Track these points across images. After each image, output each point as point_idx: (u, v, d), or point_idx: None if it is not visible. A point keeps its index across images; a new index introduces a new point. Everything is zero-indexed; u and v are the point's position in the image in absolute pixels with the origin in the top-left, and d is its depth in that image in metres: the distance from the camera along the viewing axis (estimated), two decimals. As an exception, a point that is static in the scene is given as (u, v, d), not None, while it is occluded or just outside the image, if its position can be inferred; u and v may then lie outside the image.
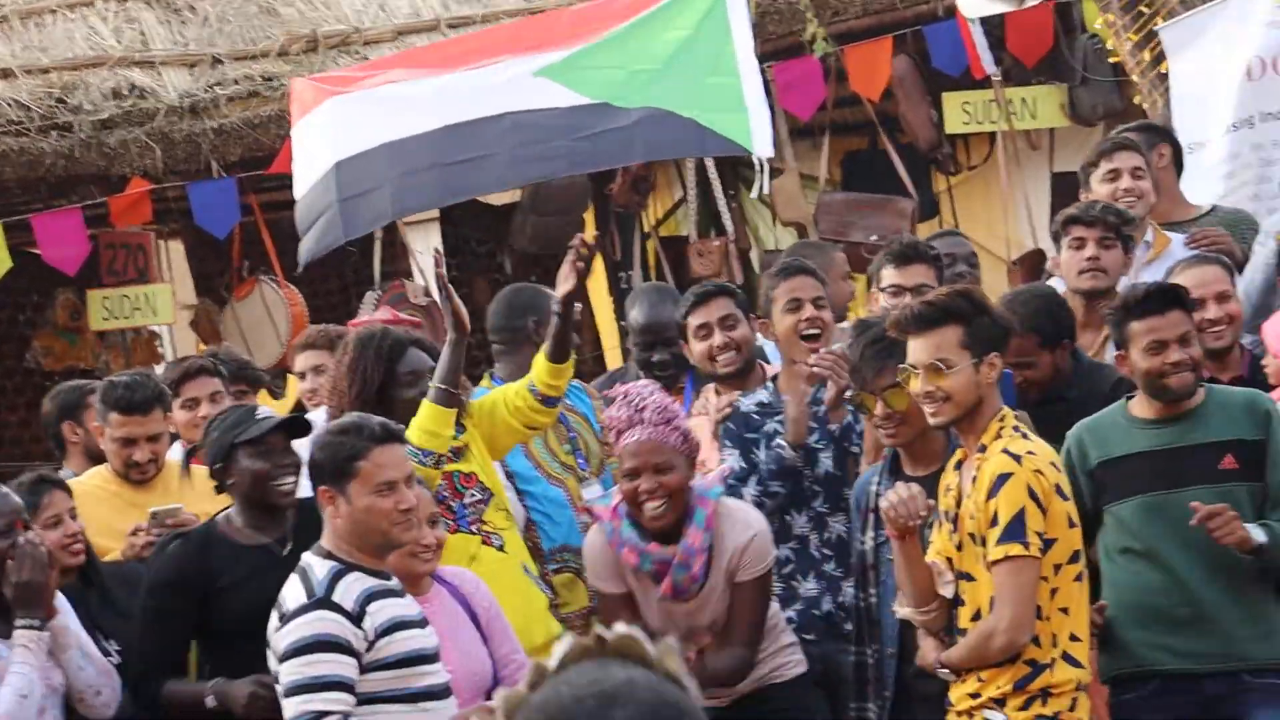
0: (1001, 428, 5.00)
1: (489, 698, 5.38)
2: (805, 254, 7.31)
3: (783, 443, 5.98)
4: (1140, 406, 5.54)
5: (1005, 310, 5.84)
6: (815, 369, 5.89)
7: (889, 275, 6.55)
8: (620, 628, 1.83)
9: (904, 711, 5.42)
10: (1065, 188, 8.98)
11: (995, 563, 4.91)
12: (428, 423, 5.68)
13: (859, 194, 10.33)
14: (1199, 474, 5.41)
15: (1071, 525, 4.98)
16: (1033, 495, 4.88)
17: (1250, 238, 7.15)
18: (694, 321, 6.29)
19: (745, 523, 5.69)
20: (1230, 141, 8.19)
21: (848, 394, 5.68)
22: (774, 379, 6.29)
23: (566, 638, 1.84)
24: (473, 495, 5.97)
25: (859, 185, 10.63)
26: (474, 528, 5.96)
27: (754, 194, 8.94)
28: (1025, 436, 5.00)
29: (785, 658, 5.76)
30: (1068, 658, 4.93)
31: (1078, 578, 4.99)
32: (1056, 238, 6.78)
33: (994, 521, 4.90)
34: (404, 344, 5.93)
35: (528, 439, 6.17)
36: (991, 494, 4.91)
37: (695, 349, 6.28)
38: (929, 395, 5.03)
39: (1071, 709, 4.94)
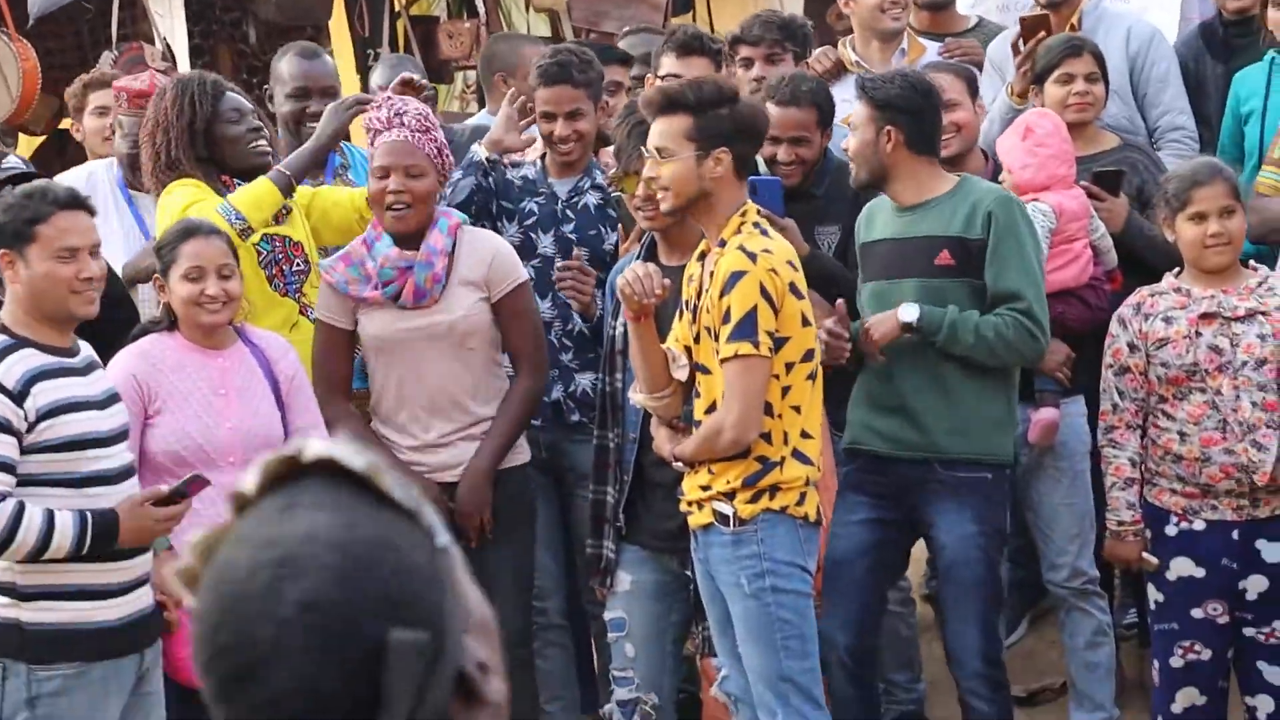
0: (742, 223, 5.00)
1: None
2: (495, 49, 7.28)
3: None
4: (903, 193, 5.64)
5: (786, 87, 5.88)
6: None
7: (668, 64, 6.52)
8: (318, 445, 1.59)
9: (640, 497, 5.47)
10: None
11: (725, 360, 4.93)
12: (257, 196, 5.69)
13: (614, -17, 10.22)
14: (916, 267, 5.53)
15: (806, 324, 4.99)
16: (765, 294, 4.89)
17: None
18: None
19: (487, 238, 5.83)
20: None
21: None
22: (542, 158, 6.29)
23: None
24: (298, 264, 5.96)
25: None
26: (296, 296, 5.95)
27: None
28: (765, 233, 5.00)
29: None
30: (798, 455, 4.99)
31: (810, 376, 5.01)
32: (727, 58, 6.76)
33: (726, 319, 4.91)
34: (223, 85, 5.95)
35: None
36: (725, 291, 4.91)
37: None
38: (648, 181, 5.11)
39: (799, 503, 5.00)
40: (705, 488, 5.01)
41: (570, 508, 6.16)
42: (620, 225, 6.17)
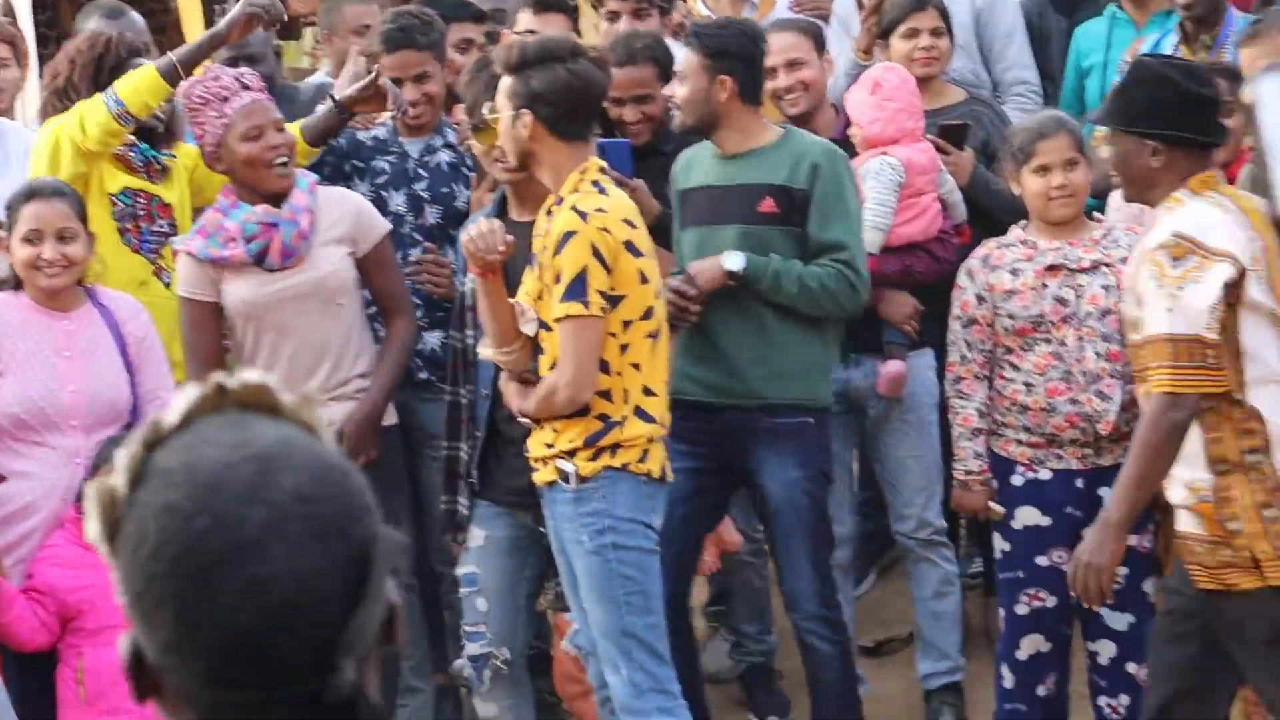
0: (581, 182, 4.99)
1: (128, 428, 5.27)
2: (323, 6, 7.23)
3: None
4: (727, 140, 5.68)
5: (621, 46, 5.89)
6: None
7: (525, 20, 6.54)
8: (249, 376, 1.59)
9: (493, 452, 5.45)
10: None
11: (558, 320, 4.93)
12: (141, 83, 5.64)
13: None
14: (738, 213, 5.56)
15: (644, 282, 4.98)
16: (597, 253, 4.88)
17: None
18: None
19: (343, 194, 5.83)
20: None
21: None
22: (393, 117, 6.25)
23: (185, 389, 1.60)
24: (161, 225, 5.88)
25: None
26: (151, 256, 5.85)
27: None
28: (603, 192, 4.98)
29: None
30: (640, 413, 4.99)
31: (650, 334, 5.01)
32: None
33: (558, 279, 4.91)
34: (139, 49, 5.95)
35: None
36: (557, 251, 4.91)
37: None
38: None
39: (642, 460, 5.00)
40: (549, 445, 5.01)
41: (419, 466, 6.14)
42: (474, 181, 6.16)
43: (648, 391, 5.01)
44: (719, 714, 6.40)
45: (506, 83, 5.03)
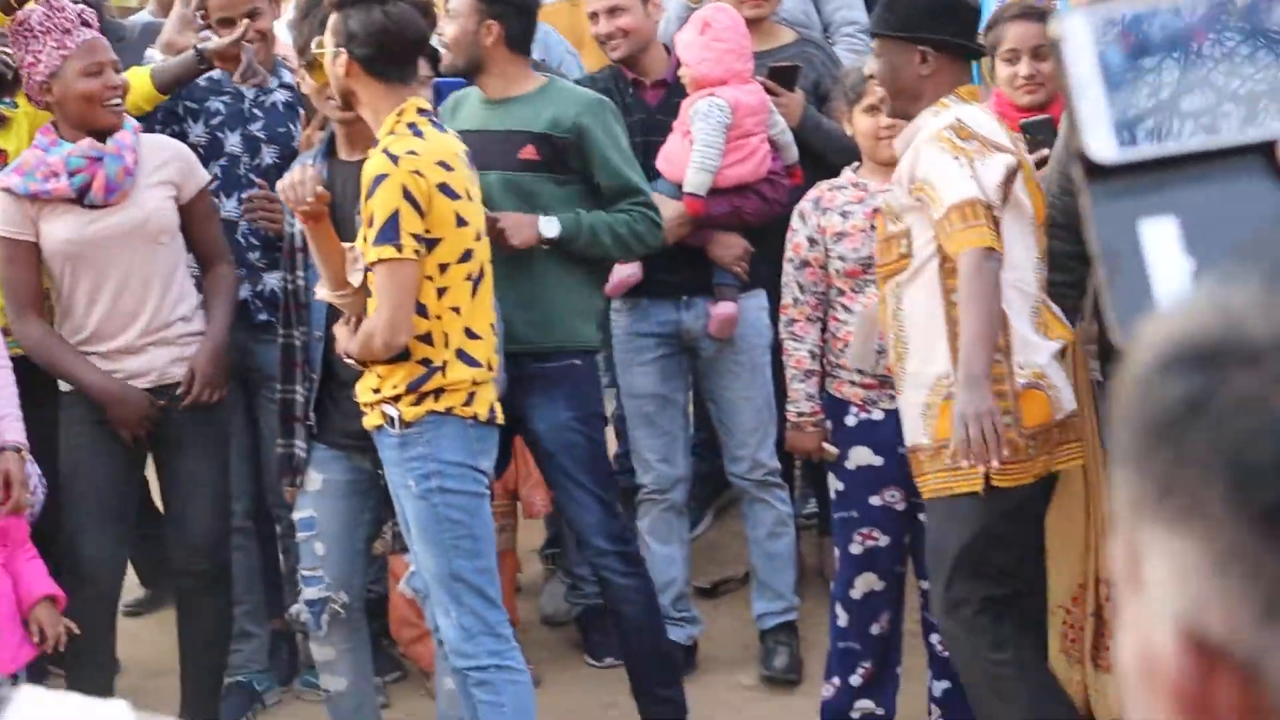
0: (397, 124, 4.94)
1: None
2: None
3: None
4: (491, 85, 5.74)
5: None
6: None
7: None
8: None
9: (329, 395, 5.41)
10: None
11: (372, 264, 4.90)
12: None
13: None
14: (499, 160, 5.59)
15: (462, 224, 4.93)
16: (408, 196, 4.83)
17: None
18: None
19: (165, 140, 5.82)
20: None
21: None
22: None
23: None
24: None
25: None
26: None
27: None
28: (418, 134, 4.92)
29: (187, 350, 5.73)
30: (463, 356, 4.96)
31: (468, 277, 4.96)
32: None
33: (371, 223, 4.87)
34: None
35: None
36: (369, 195, 4.86)
37: None
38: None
39: (467, 403, 4.97)
40: (375, 390, 4.98)
41: (256, 409, 6.11)
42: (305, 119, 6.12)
43: (471, 334, 4.97)
44: (556, 656, 6.42)
45: (331, 20, 4.99)
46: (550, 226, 5.55)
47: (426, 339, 4.92)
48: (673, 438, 6.28)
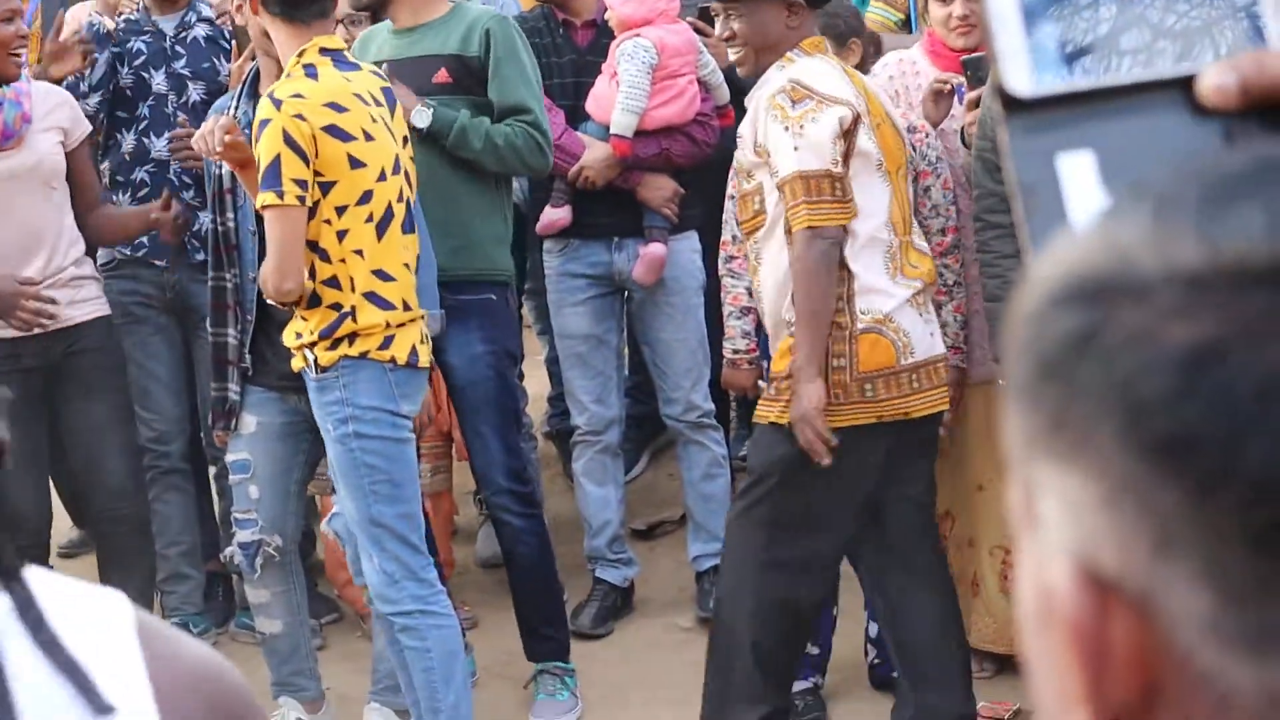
0: (296, 65, 4.91)
1: None
2: None
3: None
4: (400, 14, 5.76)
5: None
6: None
7: None
8: None
9: (264, 337, 5.38)
10: None
11: (258, 210, 4.90)
12: None
13: None
14: (414, 86, 5.58)
15: (358, 165, 4.88)
16: (289, 141, 4.78)
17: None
18: None
19: (51, 88, 5.83)
20: None
21: None
22: None
23: None
24: None
25: None
26: None
27: None
28: (313, 75, 4.88)
29: (85, 294, 5.73)
30: (374, 299, 4.92)
31: (369, 219, 4.90)
32: None
33: (259, 169, 4.85)
34: None
35: None
36: (255, 140, 4.85)
37: None
38: None
39: (383, 347, 4.95)
40: (298, 335, 4.97)
41: (193, 349, 6.10)
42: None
43: (383, 276, 4.93)
44: (491, 599, 6.43)
45: None
46: (420, 117, 5.55)
47: (333, 283, 4.91)
48: (606, 379, 6.28)
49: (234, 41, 6.12)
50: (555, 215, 6.16)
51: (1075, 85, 0.90)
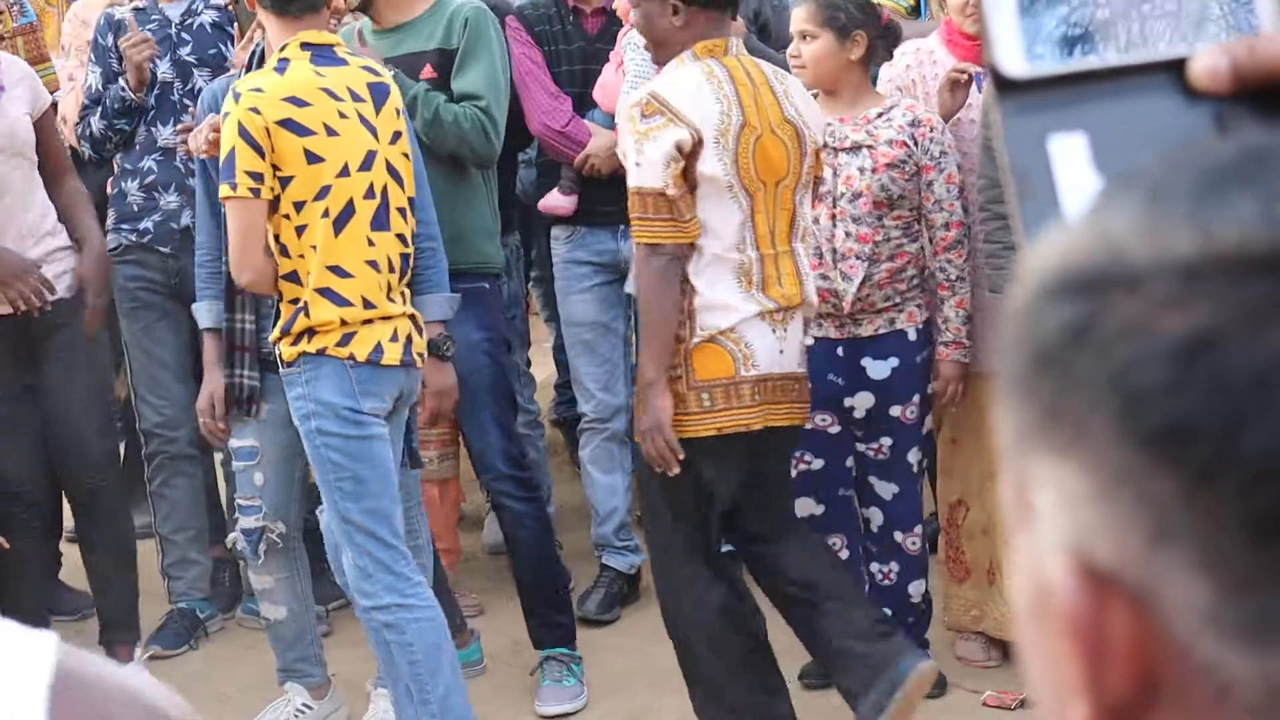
0: (273, 59, 4.93)
1: None
2: None
3: (125, 85, 6.03)
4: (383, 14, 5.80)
5: None
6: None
7: None
8: None
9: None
10: None
11: (222, 202, 4.94)
12: None
13: None
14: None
15: (315, 160, 4.85)
16: (243, 134, 4.80)
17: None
18: None
19: (13, 59, 5.88)
20: None
21: None
22: None
23: None
24: None
25: None
26: None
27: None
28: (282, 70, 4.89)
29: (56, 266, 5.74)
30: (329, 295, 4.89)
31: (325, 214, 4.87)
32: None
33: None
34: None
35: None
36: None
37: None
38: None
39: (342, 344, 4.92)
40: (274, 329, 5.01)
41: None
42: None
43: (340, 273, 4.90)
44: (498, 585, 6.44)
45: None
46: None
47: (293, 278, 4.91)
48: (613, 366, 6.28)
49: (236, 25, 6.12)
50: (559, 201, 6.17)
51: (1068, 67, 0.90)
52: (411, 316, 5.05)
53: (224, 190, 4.85)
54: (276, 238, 4.90)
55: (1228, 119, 0.85)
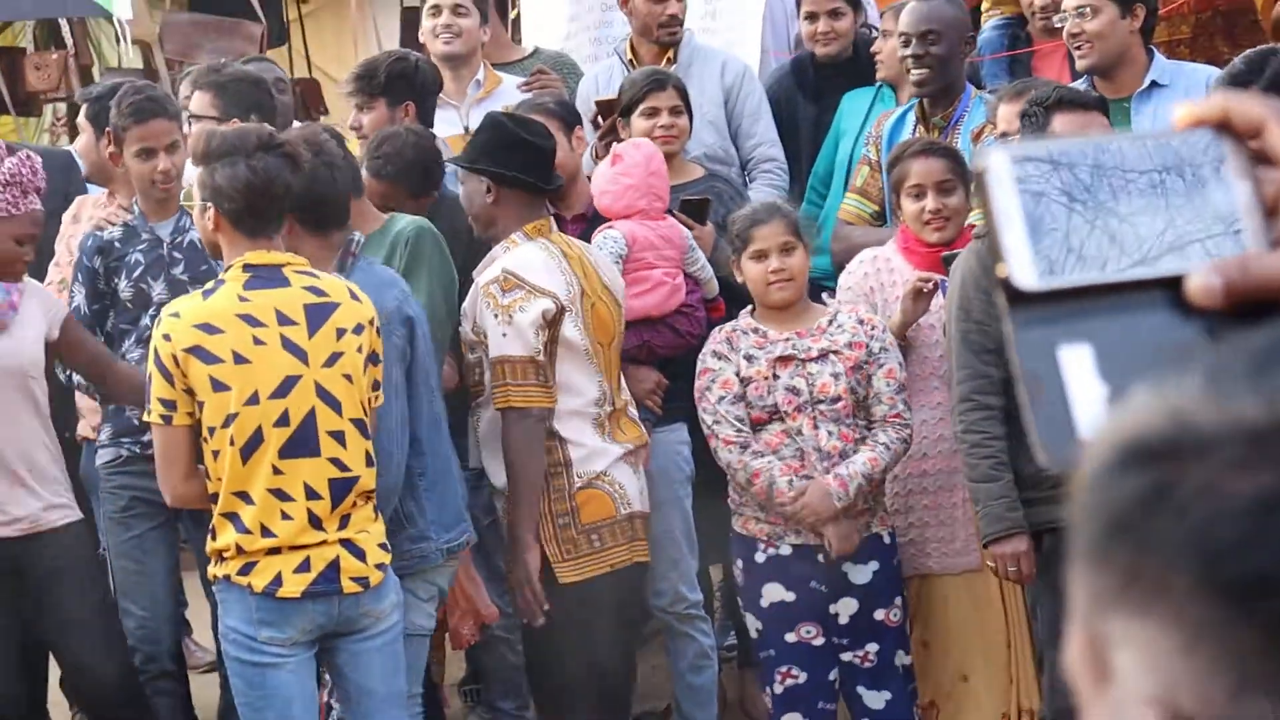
0: (211, 281, 4.98)
1: None
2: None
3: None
4: None
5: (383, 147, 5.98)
6: None
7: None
8: None
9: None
10: (416, 20, 9.03)
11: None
12: None
13: (206, 15, 10.08)
14: None
15: (221, 389, 4.82)
16: (156, 360, 4.83)
17: (573, 82, 7.40)
18: None
19: (33, 283, 5.80)
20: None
21: None
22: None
23: None
24: None
25: (206, 6, 10.38)
26: None
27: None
28: (209, 293, 4.89)
29: (60, 500, 5.72)
30: (233, 519, 4.86)
31: (232, 442, 4.82)
32: None
33: None
34: None
35: None
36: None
37: None
38: None
39: (243, 572, 4.87)
40: None
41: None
42: None
43: (245, 498, 4.86)
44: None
45: (198, 174, 4.97)
46: None
47: (214, 499, 4.91)
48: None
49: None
50: None
51: (1074, 281, 0.96)
52: (348, 541, 4.91)
53: (145, 414, 4.92)
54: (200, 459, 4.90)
55: (1220, 331, 0.91)
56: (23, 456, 5.60)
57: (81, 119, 6.86)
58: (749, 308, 5.76)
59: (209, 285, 4.94)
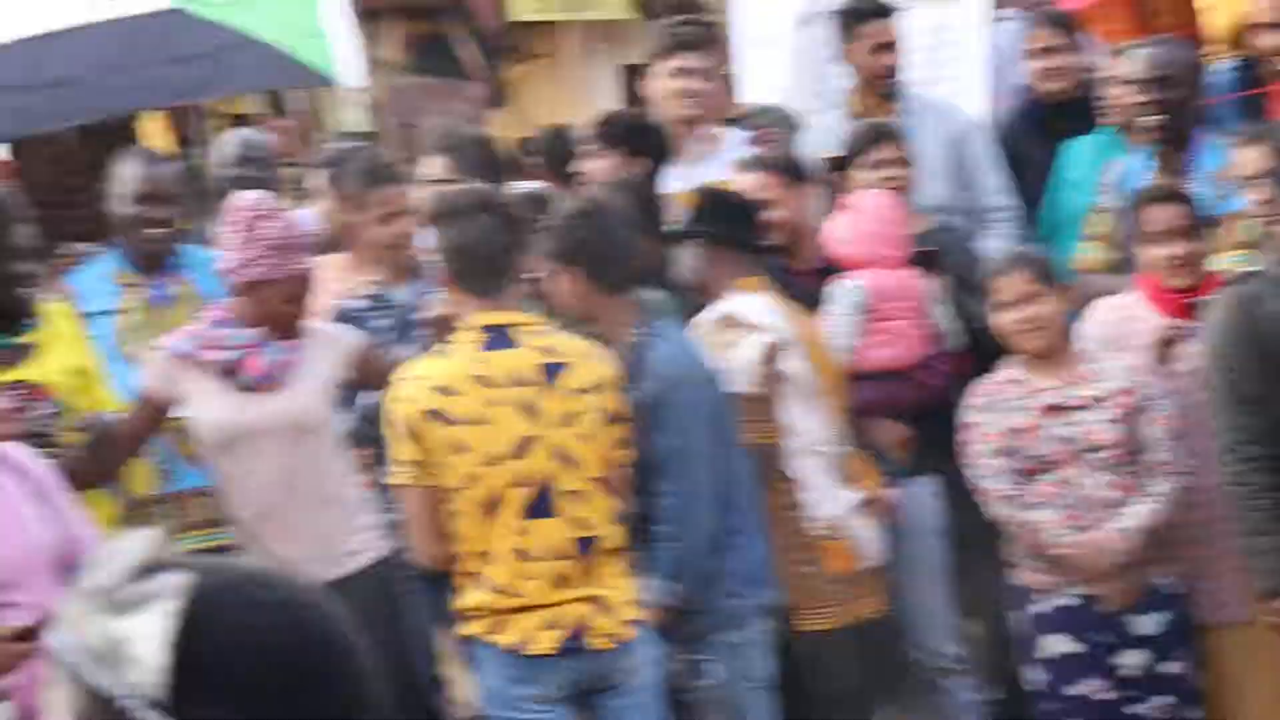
0: (445, 342, 5.01)
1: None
2: None
3: None
4: None
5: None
6: None
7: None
8: None
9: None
10: (634, 78, 9.11)
11: None
12: None
13: (430, 79, 10.25)
14: None
15: (462, 450, 4.84)
16: (398, 422, 4.87)
17: (794, 136, 7.39)
18: None
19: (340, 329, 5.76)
20: (795, 38, 8.35)
21: None
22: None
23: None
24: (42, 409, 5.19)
25: (426, 70, 10.54)
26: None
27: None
28: (444, 354, 4.93)
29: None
30: (476, 580, 4.90)
31: (481, 502, 4.85)
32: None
33: None
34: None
35: None
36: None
37: None
38: None
39: (493, 631, 4.90)
40: None
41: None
42: None
43: (487, 559, 4.89)
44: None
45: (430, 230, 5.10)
46: None
47: (457, 559, 4.95)
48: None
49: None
50: None
51: None
52: (596, 599, 4.94)
53: (387, 476, 4.98)
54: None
55: None
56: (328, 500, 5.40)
57: (321, 182, 6.71)
58: (1010, 358, 5.71)
59: (442, 347, 5.00)
